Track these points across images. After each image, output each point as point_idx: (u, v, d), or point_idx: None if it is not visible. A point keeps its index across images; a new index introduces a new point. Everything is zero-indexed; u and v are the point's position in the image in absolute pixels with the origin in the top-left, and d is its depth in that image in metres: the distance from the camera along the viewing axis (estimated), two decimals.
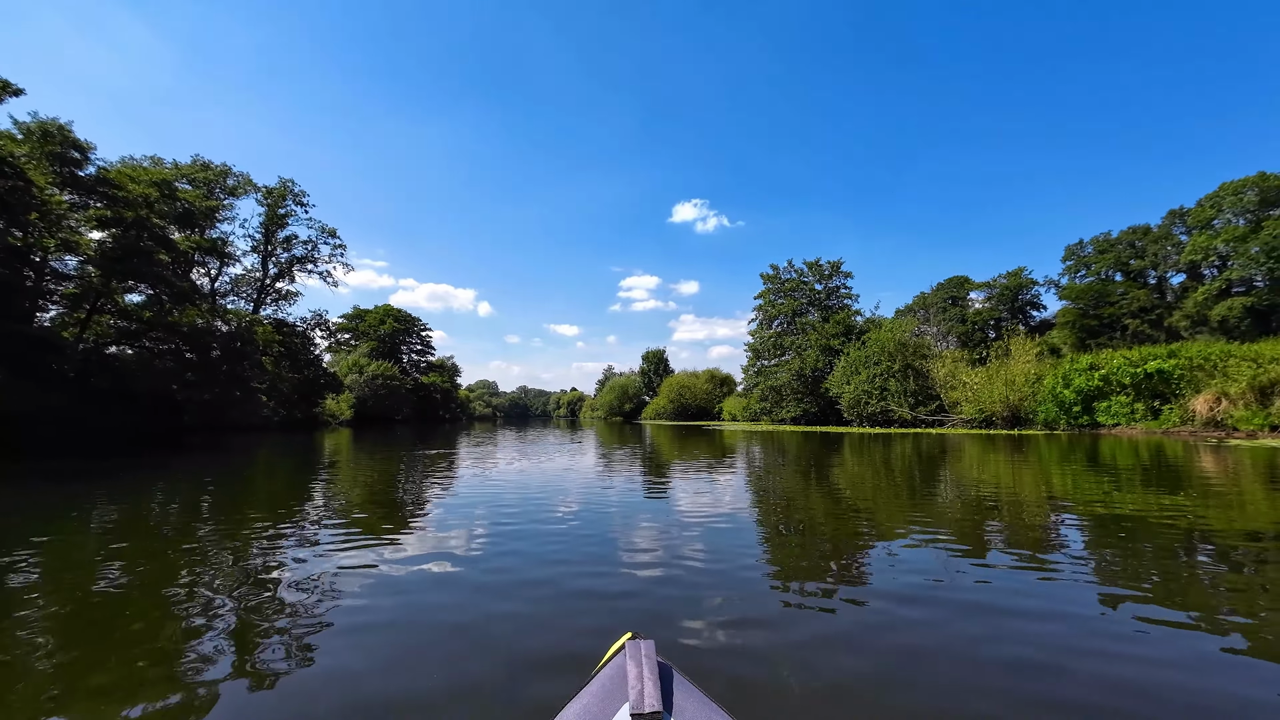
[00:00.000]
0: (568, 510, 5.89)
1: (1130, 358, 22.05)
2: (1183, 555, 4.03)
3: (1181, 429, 18.97)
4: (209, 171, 31.66)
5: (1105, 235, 48.05)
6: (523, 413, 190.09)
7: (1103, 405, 22.04)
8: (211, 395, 24.39)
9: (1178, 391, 20.17)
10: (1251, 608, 2.93)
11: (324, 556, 3.98)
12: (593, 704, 1.22)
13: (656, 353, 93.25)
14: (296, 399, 36.23)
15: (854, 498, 6.92)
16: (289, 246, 36.82)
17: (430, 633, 2.62)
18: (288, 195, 35.44)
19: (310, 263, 37.54)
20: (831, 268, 44.95)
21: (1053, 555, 3.98)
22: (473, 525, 5.08)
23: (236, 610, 2.91)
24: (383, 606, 2.97)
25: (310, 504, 6.62)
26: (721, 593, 3.20)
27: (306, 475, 9.87)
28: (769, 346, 46.11)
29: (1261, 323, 34.65)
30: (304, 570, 3.64)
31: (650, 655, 1.27)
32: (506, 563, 3.81)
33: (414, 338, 76.58)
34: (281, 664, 2.30)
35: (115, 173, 20.87)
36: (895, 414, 31.19)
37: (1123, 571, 3.61)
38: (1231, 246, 37.39)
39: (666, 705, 1.18)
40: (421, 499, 6.87)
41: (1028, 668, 2.26)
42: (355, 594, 3.15)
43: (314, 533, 4.81)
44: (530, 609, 2.91)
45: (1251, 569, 3.67)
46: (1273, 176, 36.57)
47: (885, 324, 36.38)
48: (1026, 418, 25.21)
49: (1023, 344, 28.71)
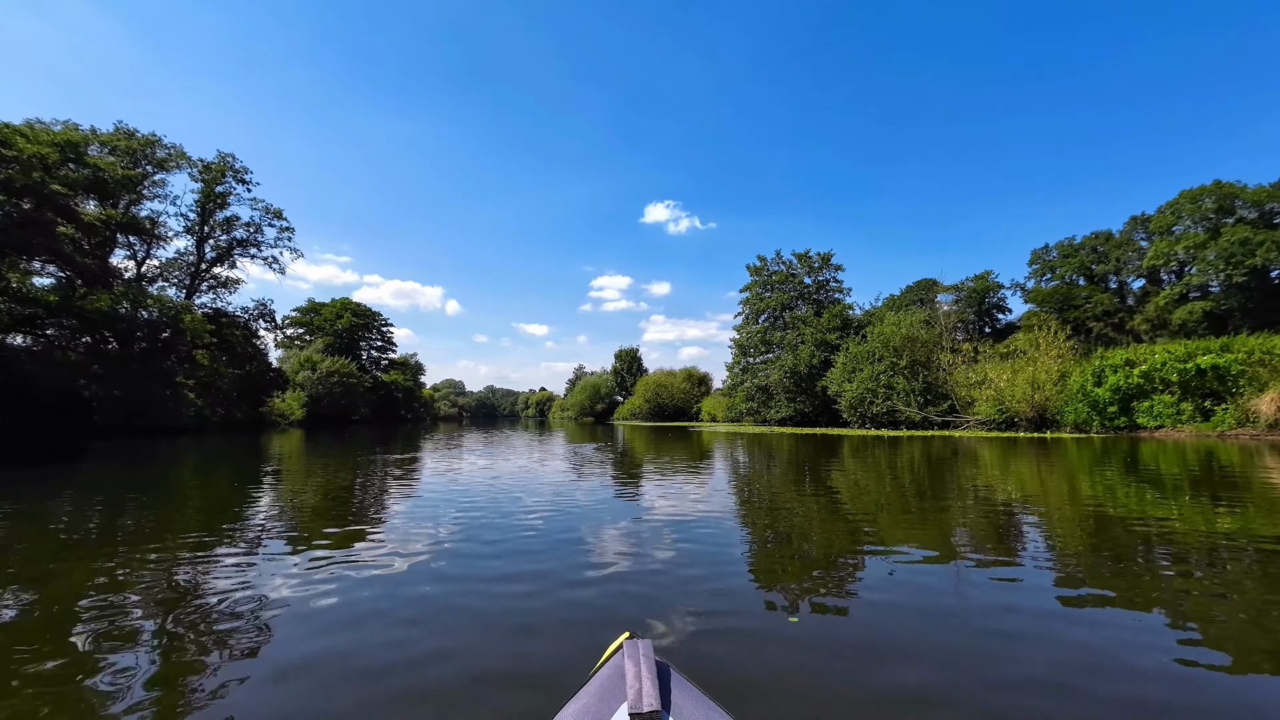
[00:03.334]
0: (535, 519, 5.19)
1: (1175, 352, 20.08)
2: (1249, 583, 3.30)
3: (1240, 432, 16.86)
4: (133, 140, 28.20)
5: (1069, 240, 49.10)
6: (490, 413, 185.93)
7: (1143, 405, 19.91)
8: (124, 392, 21.31)
9: (1235, 390, 18.06)
10: None
11: (259, 579, 3.47)
12: (591, 704, 1.22)
13: (630, 351, 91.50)
14: (236, 397, 32.98)
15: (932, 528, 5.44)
16: (229, 228, 33.39)
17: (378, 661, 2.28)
18: (227, 172, 32.07)
19: (253, 246, 34.18)
20: (822, 260, 42.36)
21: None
22: (433, 535, 4.69)
23: (150, 646, 2.49)
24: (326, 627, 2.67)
25: (239, 517, 5.66)
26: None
27: (237, 483, 8.58)
28: (756, 343, 43.28)
29: (1219, 326, 35.55)
30: (235, 599, 3.10)
31: (648, 654, 1.26)
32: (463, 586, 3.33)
33: (374, 334, 72.83)
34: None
35: (2, 127, 17.70)
36: (903, 415, 28.47)
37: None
38: (1190, 253, 38.44)
39: (665, 704, 1.18)
40: (374, 507, 6.22)
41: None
42: (295, 622, 2.76)
43: (246, 551, 4.20)
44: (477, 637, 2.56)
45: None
46: (1228, 185, 37.75)
47: (889, 317, 33.55)
48: (1053, 418, 22.91)
49: (1051, 337, 26.04)
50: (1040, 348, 25.58)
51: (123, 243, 29.42)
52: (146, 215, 30.09)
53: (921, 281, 55.65)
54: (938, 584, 3.36)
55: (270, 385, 36.70)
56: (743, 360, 44.74)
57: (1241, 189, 37.13)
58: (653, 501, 6.48)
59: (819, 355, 37.33)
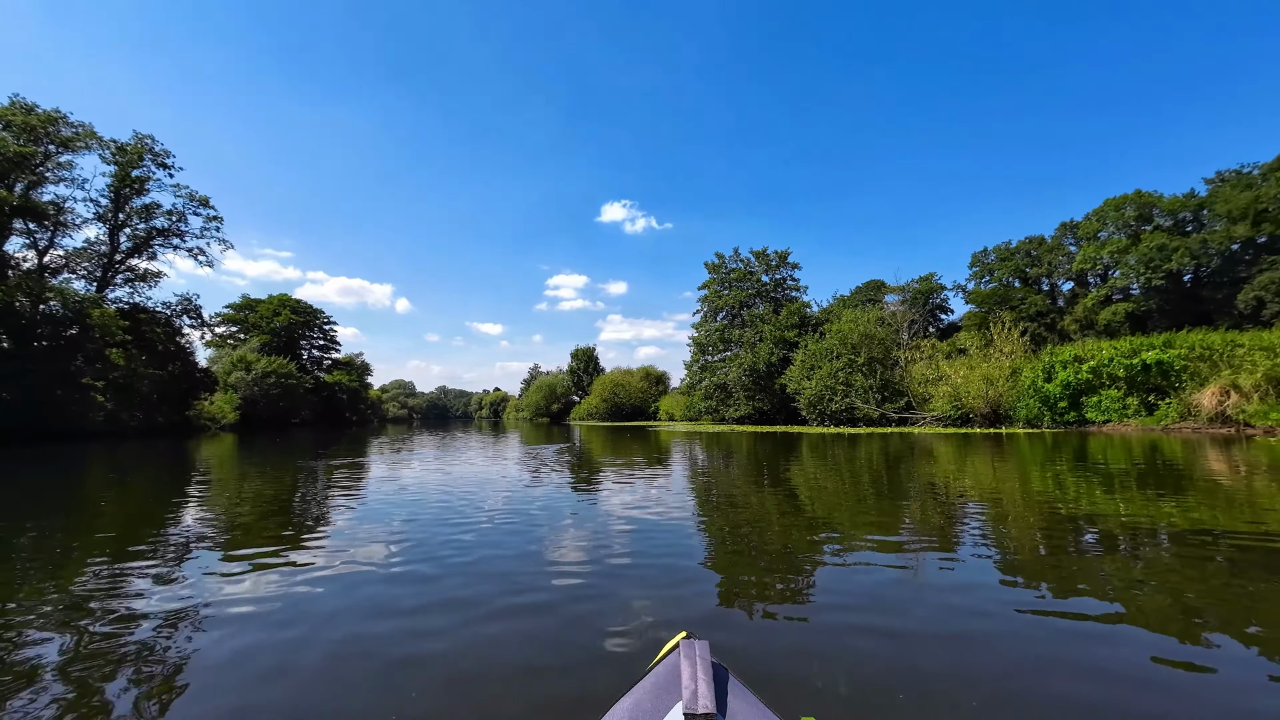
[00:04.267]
0: (490, 533, 4.53)
1: (1121, 348, 20.55)
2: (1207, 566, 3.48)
3: (1183, 425, 17.31)
4: (32, 116, 25.23)
5: (1006, 244, 51.88)
6: (442, 414, 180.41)
7: (1092, 400, 20.29)
8: (20, 395, 18.94)
9: (1177, 385, 18.50)
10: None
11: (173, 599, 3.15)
12: (645, 700, 1.22)
13: (587, 350, 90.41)
14: (158, 400, 30.18)
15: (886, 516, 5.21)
16: (148, 216, 30.41)
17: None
18: (145, 154, 29.21)
19: (176, 236, 31.27)
20: (779, 258, 42.53)
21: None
22: (378, 546, 4.35)
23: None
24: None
25: (156, 530, 5.11)
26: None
27: (146, 493, 7.77)
28: (715, 340, 42.97)
29: (1139, 326, 38.31)
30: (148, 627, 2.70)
31: (705, 656, 1.25)
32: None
33: (315, 332, 68.97)
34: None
35: None
36: (861, 412, 28.71)
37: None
38: (1114, 258, 41.30)
39: (720, 707, 1.16)
40: (310, 520, 5.61)
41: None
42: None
43: (158, 569, 3.80)
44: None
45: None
46: (1148, 195, 40.79)
47: (847, 314, 34.02)
48: (1006, 414, 23.27)
49: (1005, 332, 26.17)
50: (994, 343, 25.89)
51: (20, 229, 26.33)
52: (50, 200, 27.03)
53: (870, 282, 57.59)
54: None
55: (197, 387, 33.86)
56: (701, 358, 44.33)
57: (1159, 198, 40.17)
58: (616, 507, 6.02)
59: (778, 353, 37.35)
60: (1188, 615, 2.68)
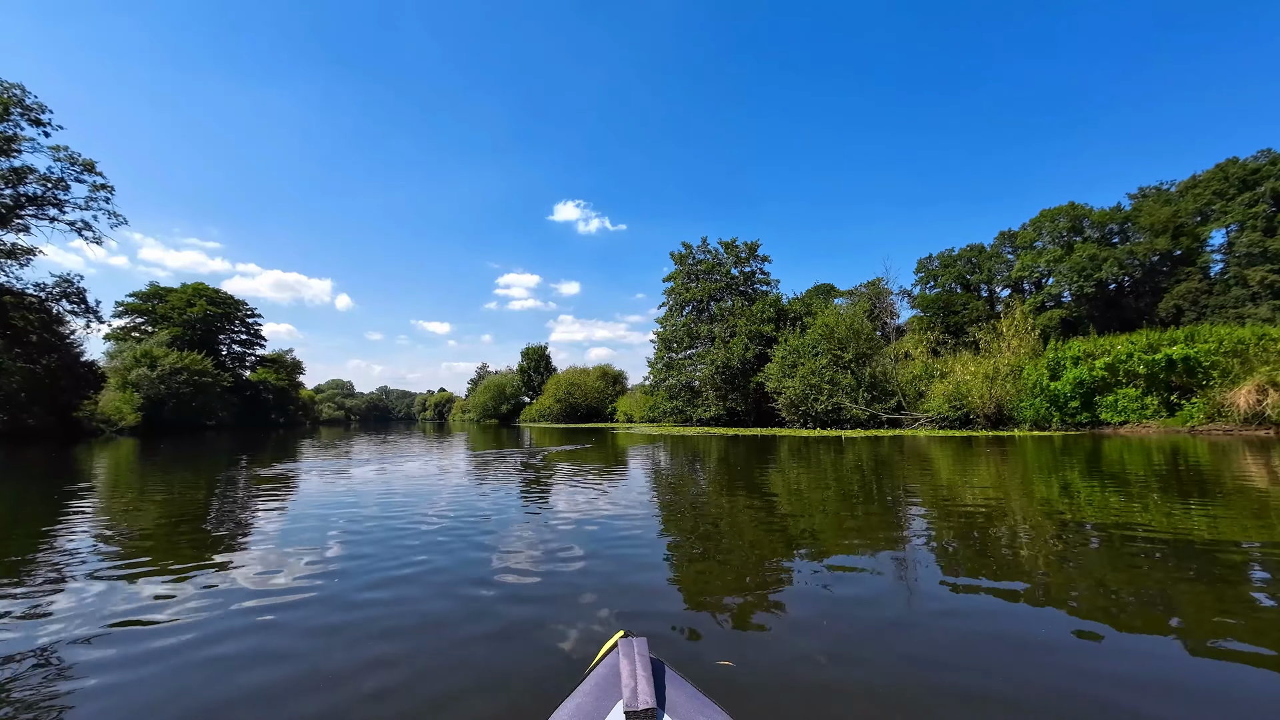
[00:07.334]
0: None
1: (1138, 343, 18.98)
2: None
3: (1212, 427, 15.96)
4: None
5: (949, 251, 53.70)
6: (383, 415, 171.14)
7: (1107, 400, 18.72)
8: None
9: (1205, 382, 17.01)
10: None
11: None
12: (586, 702, 1.21)
13: (538, 349, 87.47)
14: (26, 399, 25.72)
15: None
16: (17, 181, 25.82)
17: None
18: (13, 108, 24.72)
19: (53, 206, 26.71)
20: (749, 250, 39.95)
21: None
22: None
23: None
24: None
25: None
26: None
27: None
28: (681, 335, 40.09)
29: (1072, 331, 40.26)
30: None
31: (643, 653, 1.26)
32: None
33: (237, 325, 62.94)
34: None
35: None
36: (849, 412, 26.36)
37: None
38: (1049, 266, 43.29)
39: (660, 702, 1.17)
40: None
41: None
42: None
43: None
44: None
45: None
46: (1080, 207, 43.03)
47: (831, 307, 31.90)
48: (1010, 415, 21.36)
49: (1017, 323, 23.71)
50: (1004, 335, 23.82)
51: None
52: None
53: (819, 286, 58.52)
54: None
55: (81, 384, 29.29)
56: (666, 355, 41.47)
57: (1089, 211, 42.44)
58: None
59: (753, 348, 35.05)
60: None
